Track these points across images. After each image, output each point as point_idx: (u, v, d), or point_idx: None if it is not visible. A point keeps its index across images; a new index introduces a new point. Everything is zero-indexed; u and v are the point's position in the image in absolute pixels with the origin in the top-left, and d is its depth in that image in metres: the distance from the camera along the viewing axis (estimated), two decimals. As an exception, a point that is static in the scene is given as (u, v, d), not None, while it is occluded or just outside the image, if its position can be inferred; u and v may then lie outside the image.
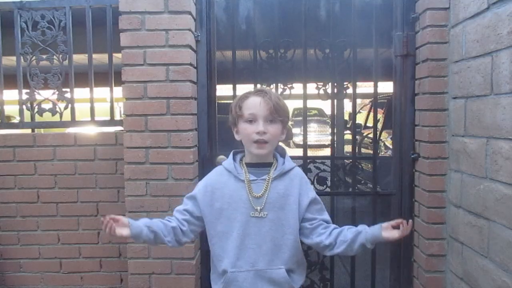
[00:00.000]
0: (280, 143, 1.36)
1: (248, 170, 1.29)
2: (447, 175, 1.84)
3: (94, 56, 2.19)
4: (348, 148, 5.08)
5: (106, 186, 2.16)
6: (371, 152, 2.15)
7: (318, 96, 2.07)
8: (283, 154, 1.34)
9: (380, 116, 4.19)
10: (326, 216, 1.34)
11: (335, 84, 2.06)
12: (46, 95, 2.17)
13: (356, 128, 4.35)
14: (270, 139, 1.23)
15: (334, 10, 2.03)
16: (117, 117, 2.31)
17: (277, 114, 1.23)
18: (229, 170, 1.30)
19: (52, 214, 2.18)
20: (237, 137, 1.30)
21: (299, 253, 1.30)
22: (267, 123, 1.23)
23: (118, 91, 2.06)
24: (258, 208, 1.24)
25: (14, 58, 2.12)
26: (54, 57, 2.14)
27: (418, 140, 1.96)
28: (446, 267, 1.87)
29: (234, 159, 1.34)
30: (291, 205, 1.27)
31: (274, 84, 2.03)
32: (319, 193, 2.13)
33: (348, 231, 1.27)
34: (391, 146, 2.85)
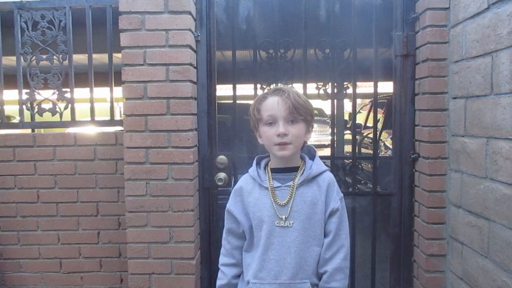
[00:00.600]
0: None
1: (273, 176, 1.22)
2: (447, 175, 1.84)
3: (94, 56, 2.18)
4: (348, 148, 5.07)
5: (106, 186, 2.16)
6: (371, 152, 2.14)
7: (318, 96, 2.07)
8: (312, 156, 1.27)
9: (380, 116, 4.19)
10: (342, 239, 1.20)
11: (335, 84, 2.06)
12: (46, 95, 2.17)
13: (356, 128, 4.36)
14: (292, 140, 1.15)
15: (334, 10, 2.03)
16: (117, 117, 2.31)
17: (297, 113, 1.15)
18: (253, 177, 1.25)
19: (52, 214, 2.18)
20: (260, 141, 1.24)
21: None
22: (288, 124, 1.15)
23: (118, 91, 2.06)
24: (283, 216, 1.17)
25: (14, 58, 2.12)
26: (54, 57, 2.14)
27: (418, 140, 1.96)
28: (446, 267, 1.87)
29: (258, 165, 1.28)
30: (318, 214, 1.19)
31: (274, 84, 2.03)
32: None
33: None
34: (391, 146, 2.84)
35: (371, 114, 3.99)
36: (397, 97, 2.02)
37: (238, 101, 2.08)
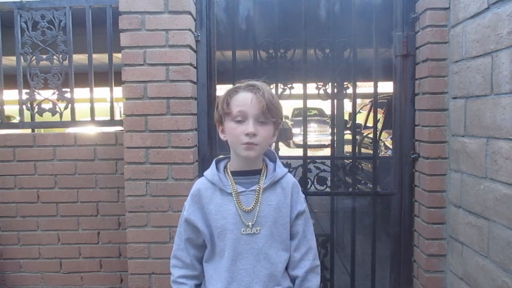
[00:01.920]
0: (275, 145, 1.24)
1: (235, 180, 1.13)
2: (447, 175, 1.84)
3: (94, 56, 2.19)
4: (348, 148, 5.07)
5: (106, 186, 2.16)
6: (371, 152, 2.14)
7: (318, 96, 2.07)
8: (273, 158, 1.20)
9: (380, 116, 4.19)
10: (309, 240, 1.17)
11: (335, 84, 2.06)
12: (46, 95, 2.17)
13: (356, 128, 4.35)
14: (260, 142, 1.08)
15: (334, 10, 2.03)
16: (117, 117, 2.31)
17: (270, 114, 1.08)
18: (213, 182, 1.14)
19: (52, 214, 2.18)
20: (222, 136, 1.15)
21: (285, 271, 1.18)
22: (258, 124, 1.07)
23: (118, 91, 2.06)
24: (250, 223, 1.10)
25: (14, 58, 2.12)
26: (54, 57, 2.14)
27: (418, 140, 1.96)
28: (446, 267, 1.87)
29: (217, 168, 1.18)
30: (284, 218, 1.13)
31: (274, 84, 2.03)
32: (320, 193, 2.15)
33: None
34: (391, 146, 2.84)
35: (371, 114, 3.99)
36: (397, 97, 2.02)
37: (238, 101, 2.07)
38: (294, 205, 1.16)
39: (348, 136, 5.31)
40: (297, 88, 2.09)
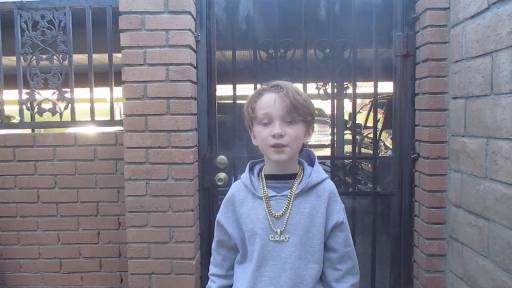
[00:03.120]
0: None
1: (267, 184, 1.10)
2: (447, 175, 1.84)
3: (94, 56, 2.18)
4: (348, 148, 5.07)
5: (106, 186, 2.16)
6: (371, 152, 2.15)
7: (318, 96, 2.07)
8: (312, 161, 1.15)
9: (380, 116, 4.19)
10: (351, 254, 1.12)
11: (335, 84, 2.06)
12: (46, 95, 2.17)
13: (356, 128, 4.35)
14: (289, 142, 1.03)
15: (334, 10, 2.03)
16: (117, 117, 2.31)
17: (296, 113, 1.02)
18: (246, 185, 1.12)
19: (52, 214, 2.18)
20: (254, 142, 1.12)
21: (321, 284, 1.12)
22: (285, 124, 1.03)
23: (118, 91, 2.06)
24: (278, 230, 1.05)
25: (14, 58, 2.12)
26: (54, 57, 2.14)
27: (418, 140, 1.96)
28: (446, 267, 1.87)
29: (251, 171, 1.16)
30: (317, 228, 1.06)
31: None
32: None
33: None
34: (391, 146, 2.84)
35: (371, 114, 3.99)
36: (397, 97, 2.02)
37: (238, 101, 2.08)
38: (330, 214, 1.09)
39: (348, 136, 5.30)
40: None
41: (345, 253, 1.10)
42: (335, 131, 2.21)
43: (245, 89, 2.32)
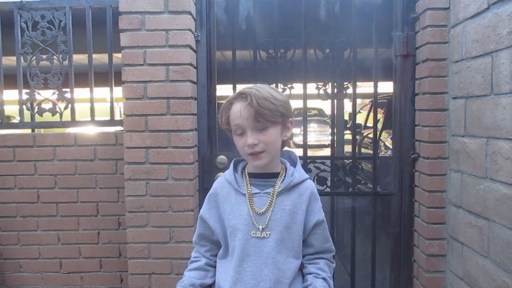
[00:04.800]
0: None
1: (251, 182, 1.13)
2: (447, 175, 1.84)
3: (94, 56, 2.18)
4: (348, 148, 5.07)
5: (106, 186, 2.16)
6: (371, 152, 2.14)
7: (318, 96, 2.07)
8: (294, 162, 1.18)
9: (380, 116, 4.19)
10: (328, 253, 1.18)
11: (335, 84, 2.06)
12: (46, 95, 2.17)
13: (356, 128, 4.35)
14: (265, 148, 1.05)
15: (334, 10, 2.03)
16: (117, 117, 2.30)
17: (264, 119, 1.02)
18: (229, 181, 1.15)
19: (52, 214, 2.18)
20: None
21: (301, 278, 1.15)
22: (257, 132, 1.04)
23: (118, 91, 2.06)
24: (260, 227, 1.08)
25: (14, 58, 2.12)
26: (54, 57, 2.14)
27: (418, 140, 1.96)
28: (446, 267, 1.87)
29: (235, 168, 1.18)
30: (297, 224, 1.10)
31: (274, 84, 2.03)
32: (320, 193, 2.15)
33: None
34: (391, 146, 2.84)
35: (371, 114, 3.99)
36: (397, 97, 2.03)
37: (238, 101, 2.07)
38: (311, 213, 1.13)
39: (348, 136, 5.30)
40: (297, 88, 2.09)
41: (324, 248, 1.17)
42: (335, 131, 2.21)
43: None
